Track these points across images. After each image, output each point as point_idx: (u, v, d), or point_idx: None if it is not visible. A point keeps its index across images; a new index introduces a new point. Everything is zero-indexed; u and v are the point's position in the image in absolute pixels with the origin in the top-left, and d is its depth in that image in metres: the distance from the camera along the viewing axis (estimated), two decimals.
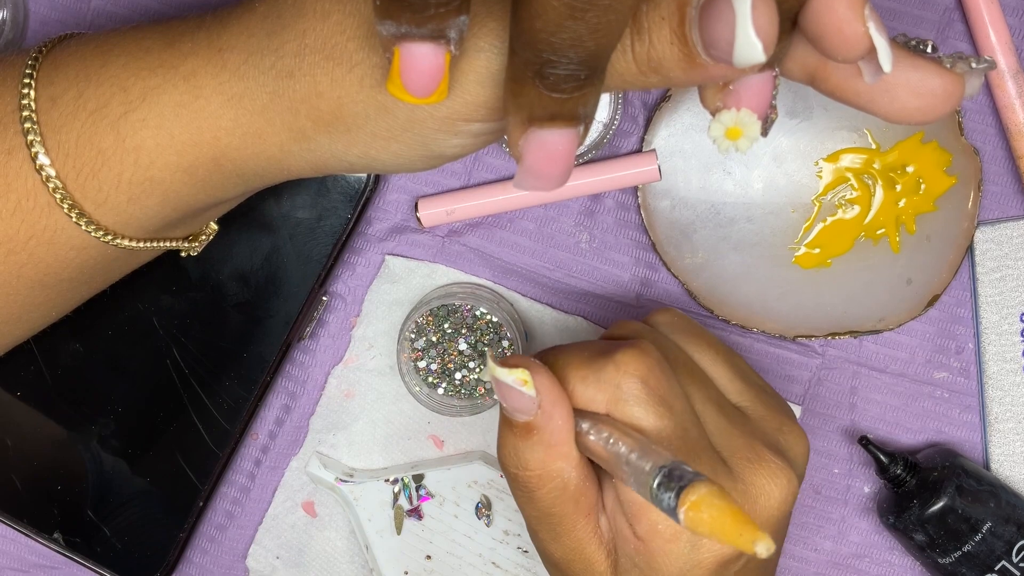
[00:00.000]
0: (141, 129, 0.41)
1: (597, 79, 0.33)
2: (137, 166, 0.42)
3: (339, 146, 0.40)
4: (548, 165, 0.34)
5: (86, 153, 0.42)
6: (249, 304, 0.57)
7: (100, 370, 0.57)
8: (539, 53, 0.31)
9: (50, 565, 0.60)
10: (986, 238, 0.58)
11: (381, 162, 0.40)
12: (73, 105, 0.42)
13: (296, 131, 0.40)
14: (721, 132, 0.35)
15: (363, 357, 0.60)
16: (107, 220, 0.43)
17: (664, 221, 0.58)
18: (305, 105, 0.39)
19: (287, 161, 0.42)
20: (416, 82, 0.34)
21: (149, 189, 0.42)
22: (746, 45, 0.31)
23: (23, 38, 0.58)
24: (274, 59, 0.40)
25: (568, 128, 0.33)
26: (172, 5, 0.58)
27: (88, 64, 0.43)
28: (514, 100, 0.33)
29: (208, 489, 0.58)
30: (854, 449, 0.59)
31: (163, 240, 0.46)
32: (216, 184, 0.43)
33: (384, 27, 0.33)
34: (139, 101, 0.41)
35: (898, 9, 0.57)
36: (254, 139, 0.41)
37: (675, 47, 0.33)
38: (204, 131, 0.41)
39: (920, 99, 0.35)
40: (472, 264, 0.59)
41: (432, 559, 0.59)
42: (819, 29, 0.33)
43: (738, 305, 0.58)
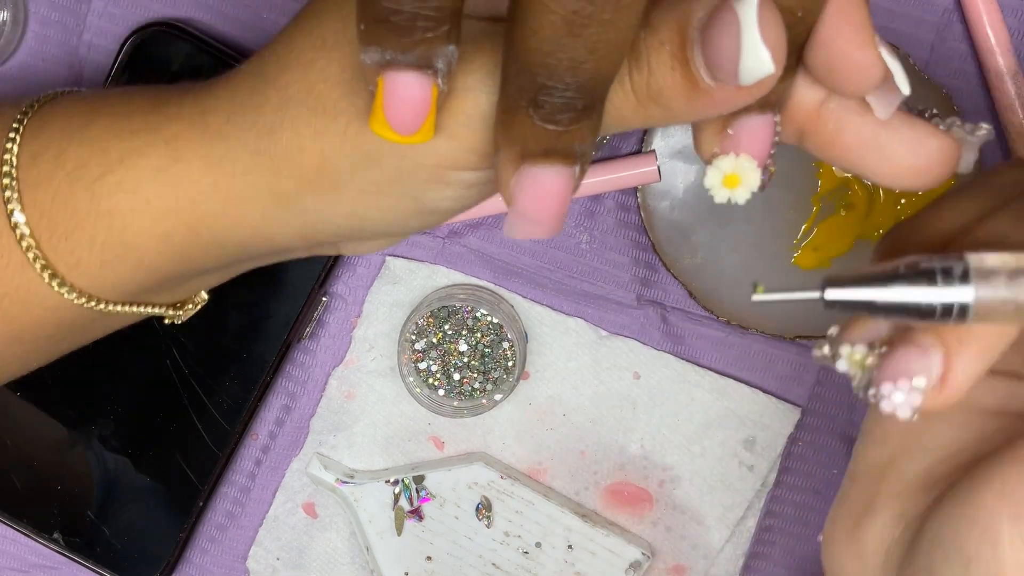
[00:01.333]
0: (116, 192, 0.40)
1: (595, 112, 0.31)
2: (111, 230, 0.40)
3: (325, 206, 0.38)
4: (541, 208, 0.31)
5: (60, 213, 0.40)
6: (249, 304, 0.57)
7: (100, 370, 0.57)
8: (534, 77, 0.29)
9: (50, 565, 0.60)
10: None
11: (371, 221, 0.38)
12: (53, 163, 0.40)
13: (278, 194, 0.38)
14: (718, 180, 0.33)
15: (364, 358, 0.60)
16: (81, 283, 0.41)
17: (664, 222, 0.58)
18: (287, 163, 0.37)
19: (270, 229, 0.39)
20: (400, 115, 0.31)
21: (123, 254, 0.41)
22: (753, 57, 0.29)
23: (23, 38, 0.58)
24: (255, 116, 0.38)
25: (563, 166, 0.31)
26: (172, 5, 0.58)
27: (73, 122, 0.41)
28: (505, 133, 0.31)
29: (208, 489, 0.58)
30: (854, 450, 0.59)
31: (142, 305, 0.44)
32: (194, 254, 0.41)
33: (368, 55, 0.31)
34: (117, 163, 0.40)
35: (897, 10, 0.58)
36: (234, 205, 0.39)
37: (676, 72, 0.31)
38: (181, 197, 0.39)
39: (914, 158, 0.33)
40: (472, 265, 0.59)
41: (432, 560, 0.59)
42: (828, 59, 0.31)
43: (738, 305, 0.58)
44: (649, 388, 0.59)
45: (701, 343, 0.59)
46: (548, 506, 0.58)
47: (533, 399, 0.59)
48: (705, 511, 0.59)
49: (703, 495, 0.59)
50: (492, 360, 0.58)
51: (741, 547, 0.60)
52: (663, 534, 0.59)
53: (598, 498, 0.60)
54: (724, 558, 0.59)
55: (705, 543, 0.59)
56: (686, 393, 0.59)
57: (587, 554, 0.58)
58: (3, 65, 0.58)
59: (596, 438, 0.59)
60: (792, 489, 0.60)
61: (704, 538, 0.59)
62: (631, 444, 0.59)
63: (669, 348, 0.59)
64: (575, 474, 0.60)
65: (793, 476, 0.59)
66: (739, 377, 0.59)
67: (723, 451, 0.59)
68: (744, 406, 0.59)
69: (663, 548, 0.60)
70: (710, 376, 0.59)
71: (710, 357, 0.59)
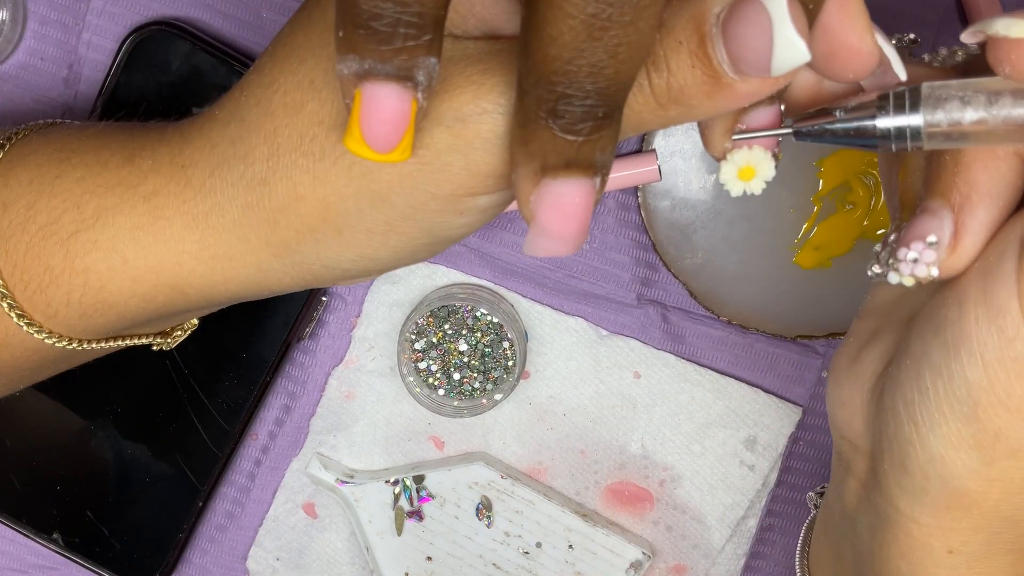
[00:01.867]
0: (92, 251, 0.38)
1: (615, 120, 0.30)
2: (87, 288, 0.39)
3: (330, 252, 0.36)
4: (564, 223, 0.31)
5: (34, 268, 0.39)
6: (249, 304, 0.57)
7: (100, 370, 0.57)
8: (553, 87, 0.29)
9: (49, 566, 0.60)
10: None
11: (380, 261, 0.37)
12: (24, 215, 0.39)
13: (276, 245, 0.36)
14: (733, 174, 0.33)
15: (363, 358, 0.60)
16: (60, 330, 0.40)
17: (664, 221, 0.58)
18: (285, 214, 0.35)
19: (267, 281, 0.38)
20: (377, 130, 0.30)
21: (102, 310, 0.40)
22: (788, 47, 0.29)
23: (22, 38, 0.58)
24: (243, 168, 0.36)
25: (585, 178, 0.30)
26: (172, 5, 0.58)
27: (43, 172, 0.40)
28: (524, 149, 0.30)
29: (208, 489, 0.58)
30: None
31: (128, 339, 0.43)
32: (180, 310, 0.40)
33: (346, 64, 0.29)
34: (92, 220, 0.38)
35: (897, 9, 0.58)
36: (224, 262, 0.37)
37: (697, 70, 0.31)
38: (163, 256, 0.38)
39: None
40: (472, 265, 0.59)
41: (433, 560, 0.59)
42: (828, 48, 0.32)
43: (738, 305, 0.58)
44: (649, 387, 0.59)
45: (702, 342, 0.59)
46: (548, 506, 0.58)
47: (533, 399, 0.59)
48: (706, 511, 0.59)
49: (704, 495, 0.59)
50: (492, 360, 0.58)
51: (742, 547, 0.59)
52: (664, 534, 0.59)
53: (598, 498, 0.60)
54: (725, 558, 0.59)
55: (706, 543, 0.59)
56: (687, 392, 0.59)
57: (588, 554, 0.58)
58: (2, 64, 0.58)
59: (596, 438, 0.59)
60: (793, 489, 0.60)
61: (705, 538, 0.59)
62: (631, 444, 0.59)
63: (670, 347, 0.59)
64: (575, 474, 0.59)
65: (794, 476, 0.59)
66: (740, 376, 0.59)
67: (724, 451, 0.59)
68: (745, 406, 0.59)
69: (664, 548, 0.59)
70: (711, 375, 0.59)
71: (711, 356, 0.59)
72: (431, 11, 0.29)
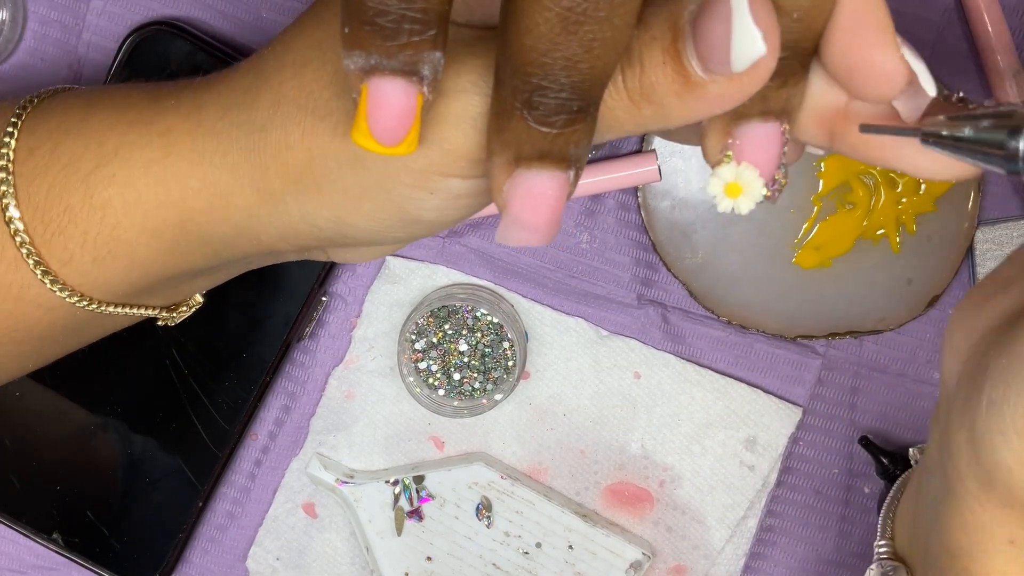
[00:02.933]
0: (110, 185, 0.40)
1: (589, 115, 0.30)
2: (103, 225, 0.40)
3: (309, 206, 0.37)
4: (535, 214, 0.31)
5: (54, 208, 0.40)
6: (249, 304, 0.57)
7: (100, 370, 0.57)
8: (529, 78, 0.29)
9: (49, 566, 0.60)
10: (986, 238, 0.58)
11: (353, 226, 0.38)
12: (48, 157, 0.41)
13: (264, 191, 0.38)
14: (720, 188, 0.32)
15: (363, 358, 0.60)
16: (73, 280, 0.41)
17: (664, 221, 0.58)
18: (275, 161, 0.37)
19: (255, 228, 0.39)
20: (384, 124, 0.30)
21: (115, 251, 0.41)
22: (745, 39, 0.28)
23: (22, 38, 0.58)
24: (249, 113, 0.38)
25: (558, 171, 0.30)
26: (172, 5, 0.58)
27: (70, 116, 0.41)
28: (499, 137, 0.31)
29: (207, 489, 0.58)
30: (855, 449, 0.59)
31: (135, 307, 0.44)
32: (183, 251, 0.41)
33: (352, 60, 0.30)
34: (111, 156, 0.40)
35: (898, 9, 0.57)
36: (220, 201, 0.39)
37: (668, 67, 0.30)
38: (172, 191, 0.39)
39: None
40: (473, 265, 0.59)
41: (433, 560, 0.59)
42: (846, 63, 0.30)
43: (738, 305, 0.58)
44: (649, 388, 0.59)
45: (702, 343, 0.59)
46: (548, 506, 0.58)
47: (533, 399, 0.59)
48: (706, 511, 0.59)
49: (704, 495, 0.59)
50: (492, 360, 0.58)
51: (742, 547, 0.59)
52: (664, 534, 0.59)
53: (598, 498, 0.60)
54: (725, 558, 0.59)
55: (706, 543, 0.59)
56: (687, 393, 0.59)
57: (587, 554, 0.58)
58: (2, 64, 0.58)
59: (596, 438, 0.59)
60: (793, 489, 0.59)
61: (705, 538, 0.59)
62: (631, 444, 0.59)
63: (670, 348, 0.59)
64: (575, 474, 0.59)
65: (794, 476, 0.59)
66: (740, 377, 0.59)
67: (724, 451, 0.59)
68: (745, 406, 0.59)
69: (664, 548, 0.59)
70: (711, 376, 0.59)
71: (711, 357, 0.59)
72: (436, 7, 0.29)
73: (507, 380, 0.58)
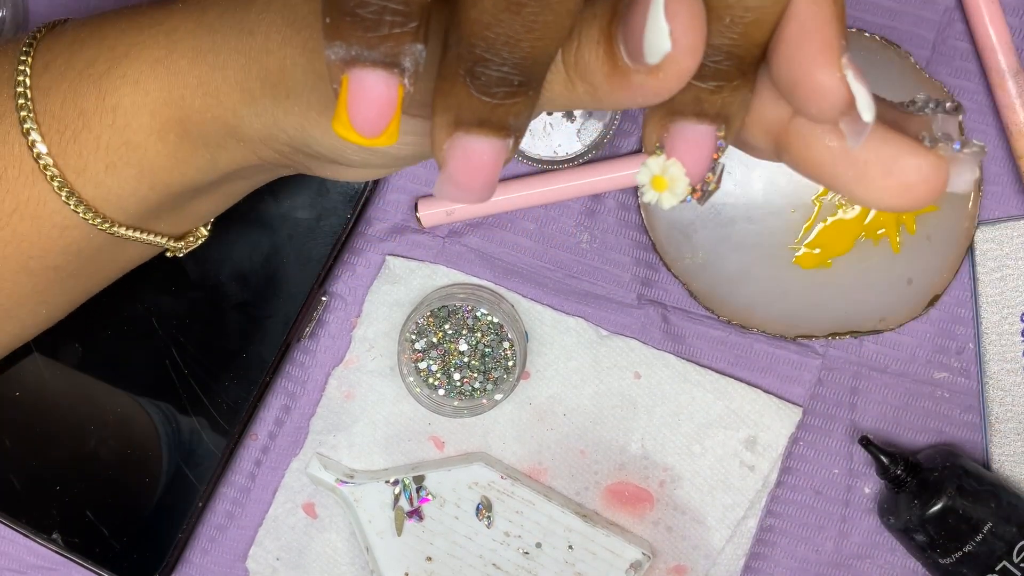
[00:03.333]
0: (121, 86, 0.41)
1: (532, 91, 0.30)
2: (114, 127, 0.42)
3: (280, 112, 0.39)
4: (471, 176, 0.31)
5: (69, 114, 0.42)
6: (248, 304, 0.57)
7: (100, 370, 0.57)
8: (472, 48, 0.29)
9: (49, 566, 0.60)
10: (986, 238, 0.58)
11: (316, 140, 0.39)
12: (64, 67, 0.43)
13: (246, 91, 0.40)
14: (647, 178, 0.31)
15: (363, 358, 0.60)
16: (87, 192, 0.43)
17: (664, 221, 0.58)
18: (255, 64, 0.39)
19: (241, 128, 0.41)
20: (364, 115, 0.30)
21: (125, 156, 0.42)
22: (654, 30, 0.28)
23: None
24: (243, 15, 0.40)
25: (496, 138, 0.31)
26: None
27: (84, 30, 0.43)
28: (442, 100, 0.31)
29: (207, 489, 0.58)
30: (855, 449, 0.59)
31: (146, 231, 0.46)
32: (185, 155, 0.43)
33: (333, 50, 0.30)
34: (123, 56, 0.42)
35: (899, 8, 0.58)
36: (212, 99, 0.41)
37: (600, 48, 0.30)
38: (173, 88, 0.41)
39: (891, 179, 0.30)
40: (473, 265, 0.59)
41: (432, 560, 0.59)
42: (789, 76, 0.30)
43: (738, 305, 0.58)
44: (649, 388, 0.59)
45: (702, 343, 0.59)
46: (548, 506, 0.58)
47: (533, 399, 0.59)
48: (706, 511, 0.59)
49: (704, 495, 0.59)
50: (492, 360, 0.58)
51: (742, 547, 0.59)
52: (664, 534, 0.59)
53: (598, 498, 0.60)
54: (725, 558, 0.59)
55: (706, 543, 0.59)
56: (687, 393, 0.59)
57: (587, 554, 0.58)
58: None
59: (596, 438, 0.59)
60: (793, 489, 0.59)
61: (705, 538, 0.59)
62: (631, 444, 0.59)
63: (670, 348, 0.59)
64: (575, 474, 0.59)
65: (794, 476, 0.59)
66: (740, 377, 0.59)
67: (724, 451, 0.59)
68: (745, 406, 0.59)
69: (664, 548, 0.59)
70: (711, 376, 0.59)
71: (711, 357, 0.59)
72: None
73: (507, 380, 0.58)
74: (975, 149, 0.30)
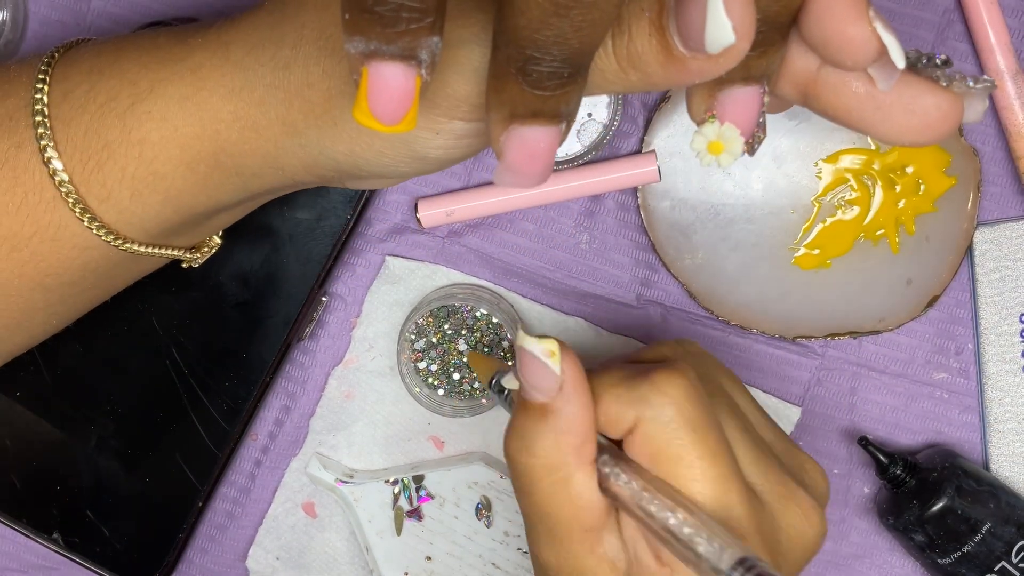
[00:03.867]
0: (147, 121, 0.42)
1: (580, 77, 0.32)
2: (141, 159, 0.42)
3: (327, 141, 0.40)
4: (529, 163, 0.33)
5: (93, 146, 0.42)
6: (249, 304, 0.57)
7: (100, 370, 0.57)
8: (522, 50, 0.31)
9: (49, 566, 0.60)
10: (985, 239, 0.58)
11: (366, 161, 0.40)
12: (84, 99, 0.43)
13: (288, 124, 0.40)
14: (703, 145, 0.34)
15: (363, 358, 0.60)
16: (110, 217, 0.43)
17: (664, 222, 0.58)
18: (298, 97, 0.39)
19: (282, 158, 0.41)
20: (384, 106, 0.32)
21: (152, 185, 0.43)
22: (717, 26, 0.30)
23: (23, 38, 0.58)
24: (274, 51, 0.40)
25: (550, 126, 0.33)
26: (172, 6, 0.58)
27: (102, 60, 0.43)
28: (496, 96, 0.33)
29: (207, 489, 0.58)
30: (854, 450, 0.59)
31: (165, 247, 0.46)
32: (216, 183, 0.43)
33: (353, 44, 0.31)
34: (147, 93, 0.42)
35: (897, 10, 0.58)
36: (251, 133, 0.41)
37: (653, 39, 0.32)
38: (206, 124, 0.41)
39: (914, 118, 0.33)
40: (472, 265, 0.59)
41: (432, 560, 0.59)
42: (822, 34, 0.32)
43: (738, 306, 0.58)
44: None
45: (701, 343, 0.59)
46: None
47: None
48: None
49: None
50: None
51: None
52: None
53: None
54: None
55: None
56: None
57: None
58: None
59: None
60: None
61: None
62: None
63: None
64: None
65: None
66: (739, 377, 0.59)
67: None
68: None
69: None
70: None
71: None
72: None
73: None
74: (986, 84, 0.34)
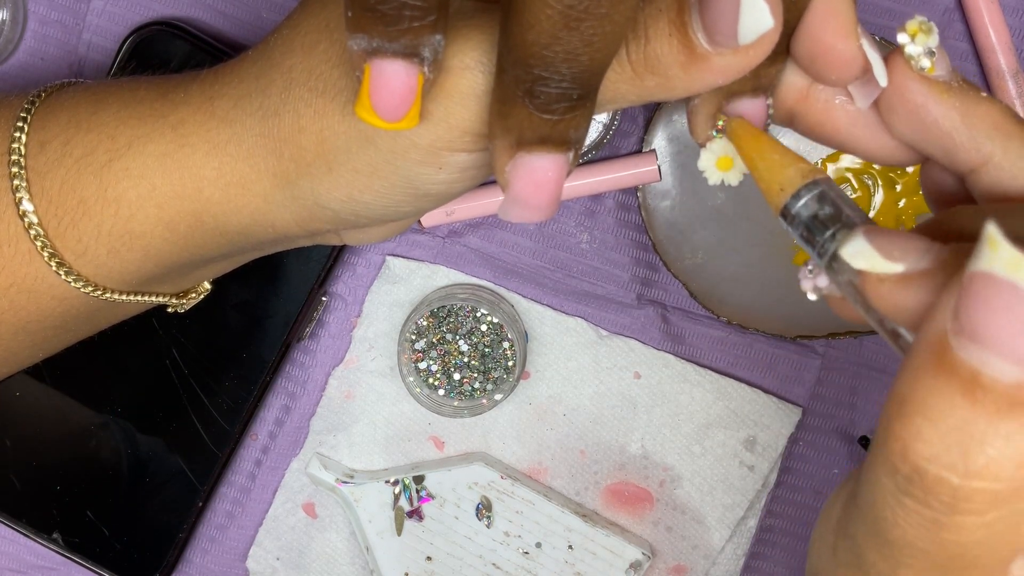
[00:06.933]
0: (124, 179, 0.40)
1: (589, 100, 0.31)
2: (117, 218, 0.41)
3: (322, 188, 0.38)
4: (536, 193, 0.32)
5: (68, 201, 0.41)
6: (249, 304, 0.57)
7: (100, 370, 0.57)
8: (530, 69, 0.30)
9: (49, 566, 0.60)
10: None
11: (366, 205, 0.38)
12: (60, 151, 0.41)
13: (279, 176, 0.38)
14: (711, 162, 0.34)
15: (364, 358, 0.60)
16: (87, 271, 0.42)
17: (664, 221, 0.58)
18: (288, 145, 0.38)
19: (272, 213, 0.40)
20: (386, 102, 0.32)
21: (129, 243, 0.41)
22: (754, 11, 0.30)
23: (22, 38, 0.58)
24: (261, 99, 0.38)
25: (558, 153, 0.32)
26: (173, 5, 0.58)
27: (80, 111, 0.42)
28: (501, 123, 0.32)
29: (208, 489, 0.58)
30: (854, 449, 0.59)
31: (147, 294, 0.45)
32: (198, 242, 0.41)
33: (355, 42, 0.31)
34: (125, 149, 0.40)
35: (898, 9, 0.58)
36: (237, 190, 0.40)
37: (674, 39, 0.31)
38: (187, 182, 0.40)
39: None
40: (472, 265, 0.59)
41: (432, 560, 0.59)
42: (812, 47, 0.32)
43: (738, 305, 0.58)
44: (649, 388, 0.59)
45: (701, 343, 0.59)
46: (548, 506, 0.58)
47: (533, 399, 0.59)
48: (706, 511, 0.59)
49: (704, 495, 0.59)
50: (492, 360, 0.58)
51: (742, 547, 0.59)
52: (664, 534, 0.59)
53: (598, 498, 0.60)
54: (725, 558, 0.59)
55: (706, 543, 0.59)
56: (686, 393, 0.59)
57: (587, 554, 0.58)
58: (2, 65, 0.58)
59: (596, 438, 0.59)
60: (793, 489, 0.60)
61: (705, 538, 0.59)
62: (631, 444, 0.59)
63: (669, 348, 0.59)
64: (575, 474, 0.59)
65: (794, 476, 0.59)
66: (740, 377, 0.59)
67: (724, 451, 0.59)
68: (745, 406, 0.59)
69: (663, 548, 0.59)
70: (710, 376, 0.59)
71: (710, 357, 0.59)
72: None
73: (507, 380, 0.58)
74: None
